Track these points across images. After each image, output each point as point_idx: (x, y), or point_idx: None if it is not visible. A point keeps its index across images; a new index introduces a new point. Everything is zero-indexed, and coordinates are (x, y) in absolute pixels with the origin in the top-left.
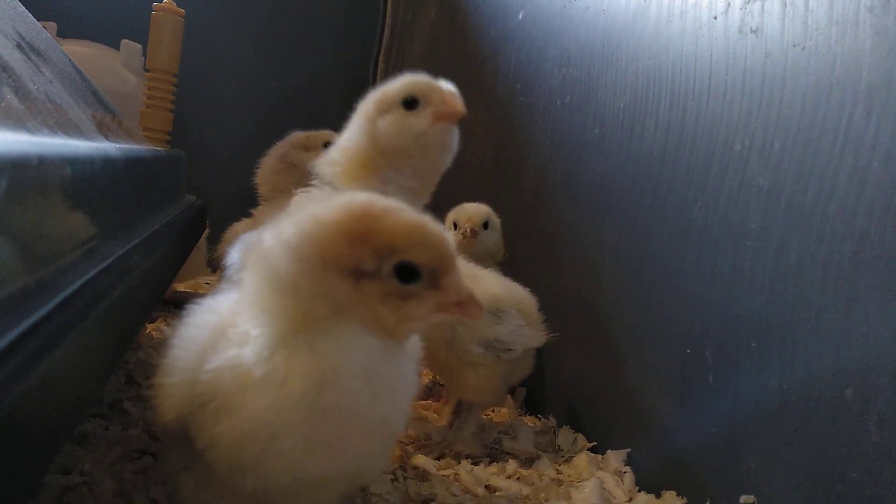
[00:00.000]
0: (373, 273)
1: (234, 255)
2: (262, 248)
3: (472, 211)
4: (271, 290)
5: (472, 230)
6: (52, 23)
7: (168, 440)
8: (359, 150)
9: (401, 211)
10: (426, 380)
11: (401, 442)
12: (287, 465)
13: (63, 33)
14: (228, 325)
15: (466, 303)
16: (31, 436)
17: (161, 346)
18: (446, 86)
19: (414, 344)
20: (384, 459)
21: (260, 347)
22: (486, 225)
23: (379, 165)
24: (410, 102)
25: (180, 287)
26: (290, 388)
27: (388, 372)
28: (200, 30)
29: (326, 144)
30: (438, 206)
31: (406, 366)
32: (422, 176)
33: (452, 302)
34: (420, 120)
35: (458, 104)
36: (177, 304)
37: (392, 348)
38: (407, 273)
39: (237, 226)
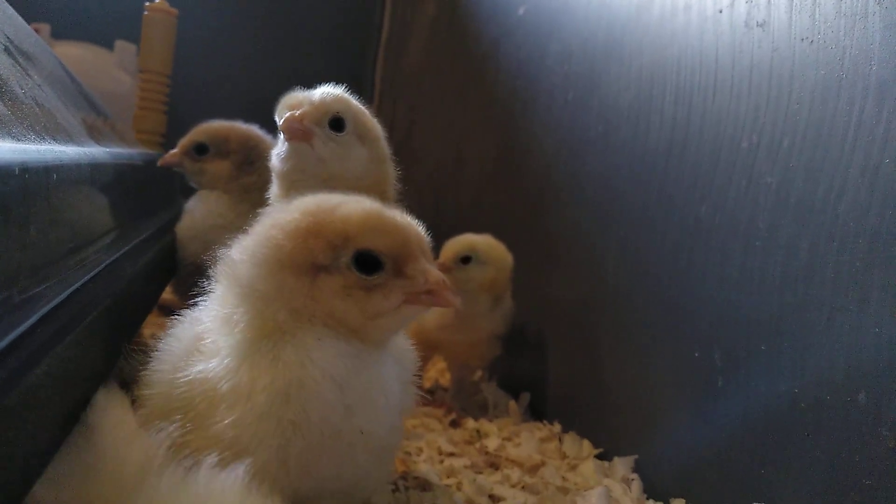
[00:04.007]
0: (330, 266)
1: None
2: (229, 258)
3: (449, 244)
4: (234, 298)
5: (441, 265)
6: (45, 24)
7: None
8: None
9: (357, 202)
10: (428, 384)
11: (404, 451)
12: (262, 482)
13: (57, 34)
14: (204, 337)
15: (437, 290)
16: (13, 453)
17: (148, 356)
18: (298, 99)
19: (408, 353)
20: (380, 473)
21: (227, 359)
22: (466, 259)
23: (292, 185)
24: None
25: None
26: (254, 402)
27: (365, 382)
28: (195, 29)
29: None
30: (440, 211)
31: (390, 374)
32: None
33: (421, 290)
34: (281, 140)
35: (287, 121)
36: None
37: (368, 356)
38: (368, 263)
39: None
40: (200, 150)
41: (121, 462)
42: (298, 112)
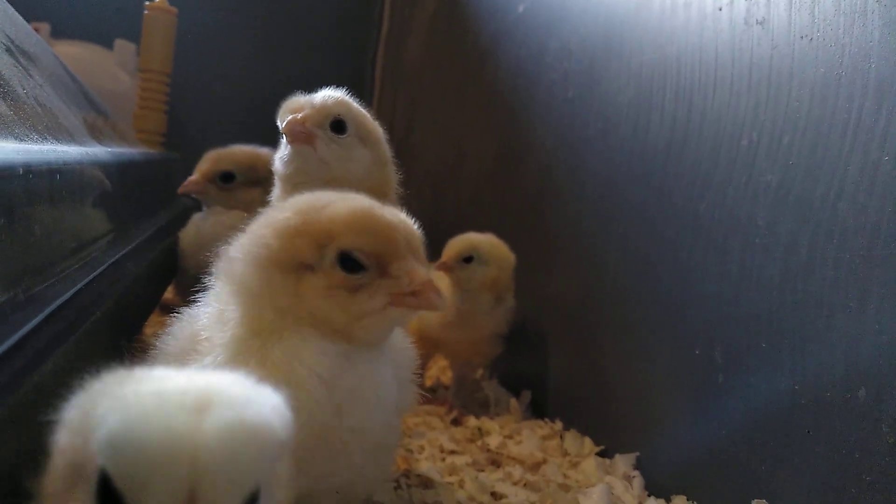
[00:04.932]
0: (315, 266)
1: None
2: (226, 255)
3: (452, 243)
4: (231, 295)
5: (444, 264)
6: (44, 24)
7: None
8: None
9: (349, 200)
10: (430, 382)
11: (406, 449)
12: None
13: (56, 34)
14: (201, 335)
15: (422, 291)
16: (18, 453)
17: (145, 355)
18: (300, 103)
19: (406, 352)
20: (378, 471)
21: (220, 357)
22: (468, 258)
23: (295, 188)
24: None
25: None
26: None
27: (354, 381)
28: (195, 28)
29: None
30: (439, 208)
31: (383, 373)
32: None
33: (405, 291)
34: (283, 143)
35: (289, 124)
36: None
37: (357, 355)
38: (352, 262)
39: None
40: (227, 178)
41: None
42: (300, 115)
